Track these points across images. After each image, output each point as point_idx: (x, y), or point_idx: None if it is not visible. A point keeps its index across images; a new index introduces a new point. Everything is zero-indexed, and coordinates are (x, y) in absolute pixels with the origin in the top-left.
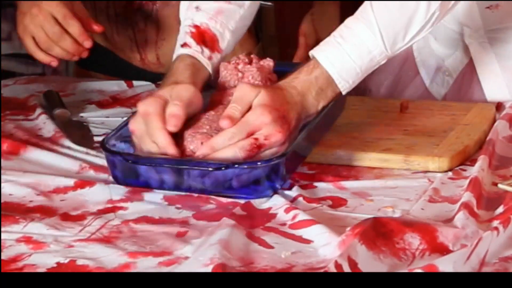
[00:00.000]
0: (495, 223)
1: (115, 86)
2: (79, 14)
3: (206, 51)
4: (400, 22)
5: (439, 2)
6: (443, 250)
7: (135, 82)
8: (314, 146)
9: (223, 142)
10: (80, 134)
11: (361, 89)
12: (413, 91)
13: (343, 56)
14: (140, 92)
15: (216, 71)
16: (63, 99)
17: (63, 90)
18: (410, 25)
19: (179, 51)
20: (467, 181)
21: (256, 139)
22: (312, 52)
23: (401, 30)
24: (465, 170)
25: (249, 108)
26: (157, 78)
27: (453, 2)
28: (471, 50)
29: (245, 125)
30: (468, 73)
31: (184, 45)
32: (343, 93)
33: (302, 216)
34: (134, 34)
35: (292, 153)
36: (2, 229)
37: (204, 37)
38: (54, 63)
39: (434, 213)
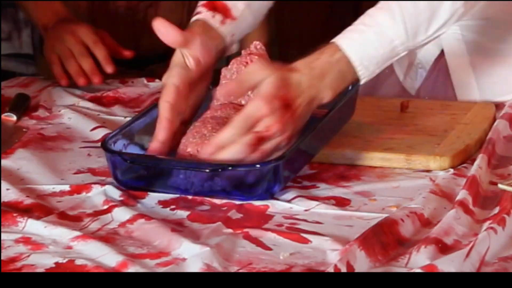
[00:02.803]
0: (488, 223)
1: (113, 85)
2: (108, 42)
3: (218, 16)
4: (424, 14)
5: None
6: (438, 243)
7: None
8: (320, 147)
9: (227, 139)
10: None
11: None
12: (389, 88)
13: (365, 43)
14: (140, 93)
15: (233, 40)
16: (65, 95)
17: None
18: (434, 18)
19: (190, 21)
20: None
21: (256, 132)
22: (335, 39)
23: (424, 22)
24: (467, 169)
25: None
26: (150, 61)
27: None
28: (443, 41)
29: (246, 118)
30: (439, 65)
31: (194, 14)
32: (362, 81)
33: (301, 216)
34: (134, 25)
35: (294, 154)
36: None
37: (215, 5)
38: (64, 82)
39: (433, 207)
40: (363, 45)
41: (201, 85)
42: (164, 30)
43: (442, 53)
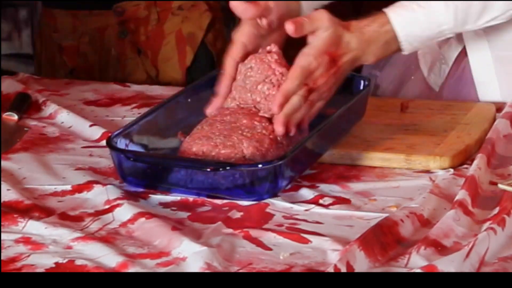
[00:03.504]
0: (488, 223)
1: (109, 87)
2: None
3: None
4: (475, 8)
5: None
6: (438, 245)
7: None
8: (328, 147)
9: (292, 88)
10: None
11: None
12: (414, 84)
13: (414, 22)
14: (137, 92)
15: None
16: (58, 98)
17: (57, 90)
18: (485, 12)
19: None
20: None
21: (307, 84)
22: (386, 10)
23: (474, 13)
24: (467, 169)
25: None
26: None
27: None
28: (464, 37)
29: (302, 71)
30: (464, 62)
31: None
32: (404, 53)
33: (301, 217)
34: None
35: (298, 154)
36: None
37: None
38: None
39: (433, 207)
40: (411, 24)
41: (276, 34)
42: (241, 8)
43: (464, 49)
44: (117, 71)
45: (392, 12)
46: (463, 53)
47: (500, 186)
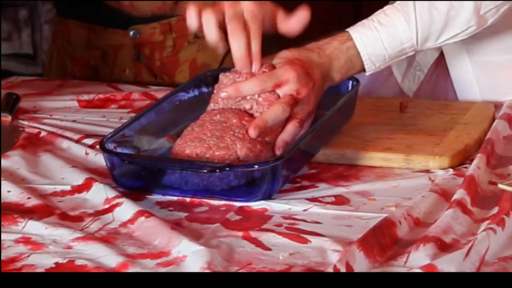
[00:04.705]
0: (486, 223)
1: (102, 89)
2: None
3: None
4: (437, 25)
5: (478, 17)
6: (437, 241)
7: (121, 86)
8: (320, 147)
9: (250, 88)
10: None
11: None
12: (388, 90)
13: (376, 41)
14: (131, 92)
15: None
16: (51, 100)
17: (49, 92)
18: (445, 30)
19: None
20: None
21: (291, 95)
22: (348, 30)
23: (436, 32)
24: (466, 169)
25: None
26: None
27: (490, 20)
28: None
29: (274, 76)
30: (439, 68)
31: None
32: (367, 73)
33: (300, 216)
34: None
35: (293, 154)
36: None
37: None
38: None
39: (432, 207)
40: (373, 43)
41: None
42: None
43: (441, 55)
44: None
45: (355, 31)
46: (438, 60)
47: (500, 186)
